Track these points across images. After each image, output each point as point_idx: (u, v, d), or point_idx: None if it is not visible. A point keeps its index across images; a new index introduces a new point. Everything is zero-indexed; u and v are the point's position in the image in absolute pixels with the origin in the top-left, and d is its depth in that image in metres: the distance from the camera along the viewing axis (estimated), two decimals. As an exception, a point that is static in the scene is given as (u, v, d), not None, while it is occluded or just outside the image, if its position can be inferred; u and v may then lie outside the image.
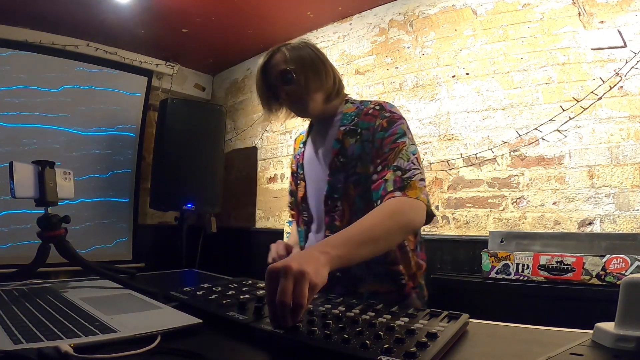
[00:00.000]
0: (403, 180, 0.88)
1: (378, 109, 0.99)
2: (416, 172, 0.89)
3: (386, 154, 0.92)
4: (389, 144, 0.93)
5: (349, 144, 0.98)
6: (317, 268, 0.61)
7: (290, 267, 0.57)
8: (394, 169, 0.89)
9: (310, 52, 1.05)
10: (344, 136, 1.00)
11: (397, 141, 0.93)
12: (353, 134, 0.99)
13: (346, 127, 1.01)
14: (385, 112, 0.98)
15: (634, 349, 0.47)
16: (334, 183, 0.99)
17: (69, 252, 0.91)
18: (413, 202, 0.86)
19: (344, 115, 1.04)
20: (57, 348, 0.45)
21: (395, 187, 0.87)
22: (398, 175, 0.88)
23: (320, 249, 0.67)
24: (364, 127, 0.98)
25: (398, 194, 0.86)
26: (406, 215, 0.84)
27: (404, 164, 0.89)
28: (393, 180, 0.88)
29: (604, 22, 1.77)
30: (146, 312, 0.68)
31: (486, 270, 1.70)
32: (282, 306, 0.55)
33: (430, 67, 2.30)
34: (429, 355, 0.46)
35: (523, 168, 1.94)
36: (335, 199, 0.99)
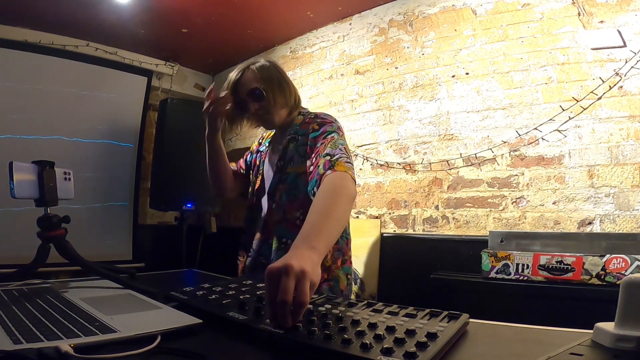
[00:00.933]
0: (331, 162, 1.00)
1: (312, 117, 1.17)
2: (342, 155, 1.01)
3: (317, 148, 1.06)
4: (320, 139, 1.08)
5: (290, 149, 1.15)
6: (313, 266, 0.63)
7: (292, 266, 0.58)
8: (324, 155, 1.02)
9: (277, 73, 1.21)
10: (288, 143, 1.17)
11: (327, 137, 1.07)
12: (293, 140, 1.16)
13: (290, 136, 1.17)
14: (317, 118, 1.15)
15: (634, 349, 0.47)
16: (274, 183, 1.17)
17: (69, 252, 0.91)
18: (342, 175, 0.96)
19: (294, 125, 1.20)
20: (57, 348, 0.45)
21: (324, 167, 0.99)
22: (327, 159, 1.00)
23: (306, 245, 0.71)
24: (300, 134, 1.15)
25: (329, 172, 0.97)
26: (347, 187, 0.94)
27: (332, 151, 1.02)
28: (323, 164, 1.00)
29: (604, 22, 1.77)
30: (146, 312, 0.68)
31: (486, 270, 1.70)
32: (283, 305, 0.55)
33: (430, 67, 2.30)
34: (429, 355, 0.46)
35: (523, 168, 1.94)
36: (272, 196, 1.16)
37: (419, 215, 2.26)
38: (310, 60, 2.95)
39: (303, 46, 3.00)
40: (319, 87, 2.86)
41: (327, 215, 0.83)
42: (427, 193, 2.24)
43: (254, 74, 1.17)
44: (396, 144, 2.39)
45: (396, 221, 2.35)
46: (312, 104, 2.88)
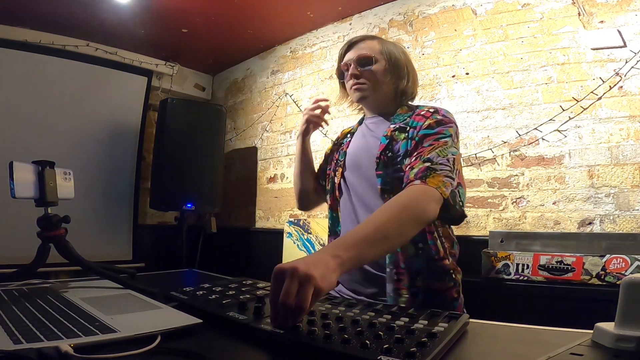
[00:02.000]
0: (427, 169, 0.85)
1: (432, 111, 0.99)
2: (445, 169, 0.86)
3: (423, 148, 0.91)
4: (430, 140, 0.92)
5: (397, 141, 0.98)
6: (325, 273, 0.60)
7: (297, 269, 0.57)
8: (424, 160, 0.88)
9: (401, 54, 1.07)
10: (393, 132, 1.00)
11: (440, 139, 0.92)
12: (402, 131, 0.99)
13: (397, 125, 1.01)
14: (438, 114, 0.98)
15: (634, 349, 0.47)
16: (384, 177, 0.98)
17: (69, 252, 0.91)
18: (428, 191, 0.83)
19: (397, 115, 1.05)
20: (57, 348, 0.45)
21: (416, 175, 0.86)
22: (425, 166, 0.86)
23: (332, 252, 0.66)
24: (412, 126, 0.98)
25: (417, 182, 0.84)
26: (419, 206, 0.81)
27: (436, 158, 0.88)
28: (418, 168, 0.87)
29: (604, 22, 1.77)
30: (146, 312, 0.68)
31: (486, 270, 1.70)
32: (284, 307, 0.55)
33: (430, 67, 2.30)
34: (429, 355, 0.46)
35: (523, 168, 1.94)
36: (388, 192, 0.96)
37: (419, 215, 2.26)
38: (310, 60, 2.95)
39: (303, 46, 3.00)
40: (319, 87, 2.86)
41: (373, 230, 0.73)
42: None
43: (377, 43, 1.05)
44: (396, 144, 2.39)
45: (396, 221, 2.35)
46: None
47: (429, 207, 0.82)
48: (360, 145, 1.09)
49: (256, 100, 3.35)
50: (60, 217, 0.91)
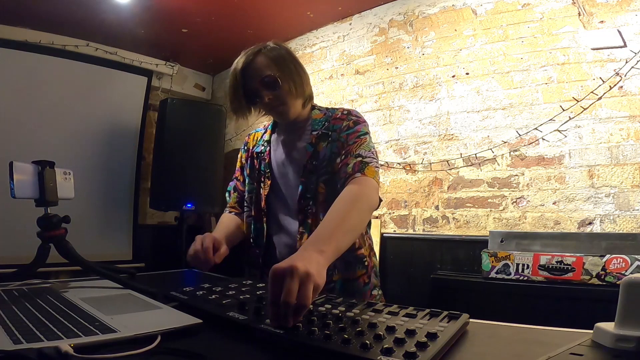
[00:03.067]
0: (362, 163, 0.97)
1: (346, 113, 1.09)
2: (373, 161, 0.99)
3: (350, 146, 1.01)
4: (353, 138, 1.03)
5: (321, 148, 1.05)
6: (319, 269, 0.62)
7: (297, 268, 0.57)
8: (356, 155, 0.99)
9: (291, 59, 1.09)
10: (317, 140, 1.06)
11: (360, 137, 1.03)
12: (325, 137, 1.06)
13: (318, 132, 1.07)
14: (352, 115, 1.08)
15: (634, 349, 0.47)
16: (307, 184, 1.05)
17: (69, 252, 0.91)
18: (369, 181, 0.94)
19: (314, 121, 1.10)
20: (57, 348, 0.45)
21: (353, 169, 0.96)
22: (358, 161, 0.97)
23: (315, 248, 0.69)
24: (333, 130, 1.06)
25: (358, 174, 0.95)
26: (370, 197, 0.92)
27: (364, 153, 0.99)
28: (354, 163, 0.97)
29: (604, 22, 1.77)
30: (146, 312, 0.68)
31: (486, 270, 1.70)
32: (286, 306, 0.55)
33: (430, 67, 2.30)
34: (429, 355, 0.46)
35: (523, 168, 1.94)
36: (307, 199, 1.04)
37: (419, 215, 2.26)
38: (310, 60, 2.94)
39: (303, 46, 3.00)
40: (319, 87, 2.86)
41: (342, 221, 0.81)
42: (427, 193, 2.24)
43: (267, 59, 1.05)
44: (396, 144, 2.39)
45: (396, 221, 2.35)
46: (312, 104, 2.88)
47: (374, 195, 0.94)
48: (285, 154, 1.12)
49: (256, 100, 3.34)
50: (60, 217, 0.91)
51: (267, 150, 1.15)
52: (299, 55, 3.02)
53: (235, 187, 1.26)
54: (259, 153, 1.17)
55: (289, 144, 1.12)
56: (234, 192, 1.26)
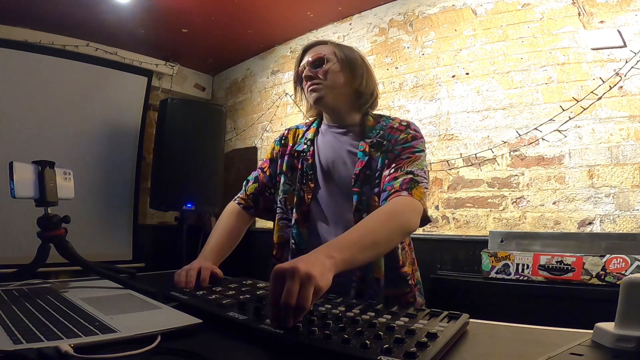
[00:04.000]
0: (411, 181, 0.91)
1: (405, 125, 1.04)
2: (424, 181, 0.94)
3: (402, 161, 0.96)
4: (407, 153, 0.97)
5: (375, 157, 1.00)
6: (323, 272, 0.61)
7: (298, 269, 0.57)
8: (407, 172, 0.93)
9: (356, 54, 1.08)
10: (371, 149, 1.00)
11: (415, 153, 0.98)
12: (379, 146, 1.00)
13: (372, 140, 1.01)
14: (410, 129, 1.03)
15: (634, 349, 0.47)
16: (361, 195, 0.98)
17: (69, 252, 0.91)
18: (414, 203, 0.88)
19: (368, 127, 1.04)
20: (57, 348, 0.45)
21: (401, 186, 0.90)
22: (409, 177, 0.92)
23: (326, 252, 0.67)
24: (389, 139, 1.01)
25: (404, 193, 0.89)
26: (406, 217, 0.86)
27: (416, 171, 0.94)
28: (403, 179, 0.91)
29: (604, 22, 1.77)
30: (146, 312, 0.68)
31: (486, 270, 1.70)
32: (286, 307, 0.55)
33: (430, 67, 2.30)
34: (429, 355, 0.46)
35: (523, 168, 1.94)
36: (361, 211, 0.98)
37: (419, 215, 2.26)
38: (310, 60, 2.94)
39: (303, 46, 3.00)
40: (319, 87, 2.86)
41: (366, 235, 0.77)
42: (427, 193, 2.24)
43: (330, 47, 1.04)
44: (396, 144, 2.39)
45: (396, 221, 2.35)
46: (312, 104, 2.89)
47: (413, 219, 0.88)
48: (333, 158, 1.05)
49: (256, 100, 3.35)
50: (60, 217, 0.91)
51: (310, 150, 1.08)
52: (299, 55, 3.03)
53: (257, 178, 1.18)
54: (300, 152, 1.09)
55: (338, 148, 1.05)
56: (253, 182, 1.18)
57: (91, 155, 2.90)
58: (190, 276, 0.88)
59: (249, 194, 1.18)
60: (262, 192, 1.17)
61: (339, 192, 1.02)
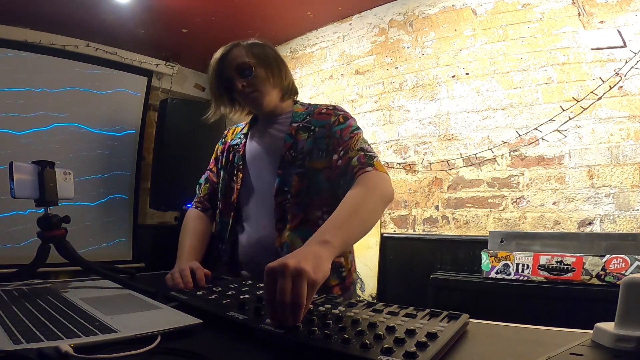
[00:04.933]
0: (367, 157, 0.94)
1: (331, 108, 1.06)
2: (376, 155, 0.97)
3: (347, 142, 0.98)
4: (348, 134, 1.00)
5: (301, 139, 1.02)
6: (317, 264, 0.61)
7: (287, 266, 0.57)
8: (358, 150, 0.96)
9: (270, 51, 1.08)
10: (297, 131, 1.03)
11: (355, 132, 1.01)
12: (305, 130, 1.03)
13: (299, 124, 1.04)
14: (338, 110, 1.05)
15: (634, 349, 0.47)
16: (285, 176, 1.01)
17: (69, 252, 0.91)
18: (382, 175, 0.92)
19: (295, 114, 1.08)
20: (57, 348, 0.45)
21: (360, 162, 0.93)
22: (362, 155, 0.95)
23: (319, 239, 0.68)
24: (317, 125, 1.03)
25: (369, 169, 0.91)
26: (384, 189, 0.89)
27: (365, 146, 0.97)
28: (357, 157, 0.94)
29: (604, 22, 1.77)
30: (146, 312, 0.68)
31: (486, 270, 1.70)
32: (282, 305, 0.55)
33: (430, 67, 2.30)
34: (429, 355, 0.46)
35: (523, 168, 1.94)
36: (285, 192, 1.01)
37: (419, 215, 2.26)
38: (310, 60, 2.95)
39: (303, 46, 3.00)
40: (319, 87, 2.86)
41: (352, 212, 0.79)
42: (427, 193, 2.24)
43: (244, 50, 1.04)
44: (396, 144, 2.39)
45: (396, 221, 2.35)
46: (312, 104, 2.89)
47: (389, 187, 0.91)
48: (260, 146, 1.09)
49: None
50: (60, 217, 0.90)
51: (242, 142, 1.13)
52: (299, 56, 3.03)
53: (207, 179, 1.22)
54: (234, 145, 1.14)
55: (266, 135, 1.09)
56: (205, 183, 1.21)
57: (91, 155, 2.90)
58: (186, 277, 0.88)
59: (203, 195, 1.21)
60: (215, 192, 1.19)
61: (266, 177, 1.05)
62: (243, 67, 1.02)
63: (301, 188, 1.00)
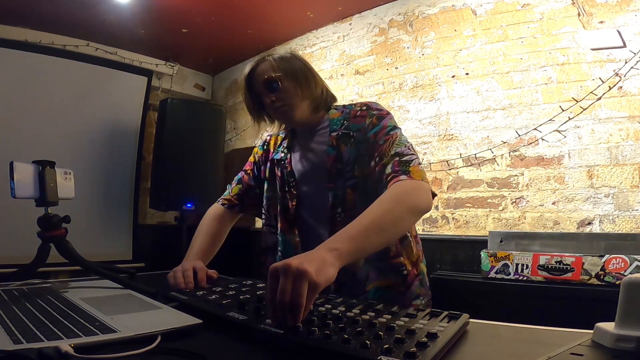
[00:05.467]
0: (401, 163, 0.89)
1: (365, 109, 1.02)
2: (414, 157, 0.91)
3: (381, 146, 0.93)
4: (382, 136, 0.95)
5: (344, 149, 0.99)
6: (320, 267, 0.60)
7: (290, 266, 0.57)
8: (393, 155, 0.91)
9: (298, 62, 1.07)
10: (338, 141, 1.00)
11: (390, 133, 0.95)
12: (346, 138, 1.00)
13: (338, 132, 1.01)
14: (372, 110, 1.01)
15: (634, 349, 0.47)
16: (335, 190, 0.98)
17: (69, 252, 0.91)
18: (417, 184, 0.86)
19: (332, 120, 1.04)
20: (57, 348, 0.45)
21: (393, 170, 0.88)
22: (397, 160, 0.89)
23: (329, 246, 0.67)
24: (355, 130, 1.00)
25: (403, 177, 0.86)
26: (412, 198, 0.83)
27: (400, 150, 0.91)
28: (392, 164, 0.89)
29: (604, 22, 1.77)
30: (146, 312, 0.68)
31: (486, 270, 1.70)
32: (282, 305, 0.55)
33: (430, 67, 2.30)
34: (429, 355, 0.46)
35: (522, 168, 1.94)
36: (337, 206, 0.98)
37: (418, 215, 2.26)
38: (310, 60, 2.91)
39: (303, 46, 3.00)
40: (318, 87, 2.86)
41: (371, 221, 0.75)
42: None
43: (270, 64, 1.03)
44: (396, 144, 2.39)
45: (396, 221, 2.35)
46: (312, 104, 2.89)
47: (421, 197, 0.84)
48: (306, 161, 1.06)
49: (256, 100, 3.34)
50: (60, 217, 0.91)
51: (287, 157, 1.09)
52: (299, 56, 3.03)
53: (240, 180, 1.20)
54: (279, 160, 1.11)
55: (308, 149, 1.06)
56: (237, 184, 1.20)
57: (91, 155, 2.90)
58: (188, 277, 0.88)
59: (233, 194, 1.20)
60: (247, 192, 1.19)
61: (317, 193, 1.03)
62: (270, 81, 1.01)
63: (355, 199, 0.97)
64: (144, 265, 2.93)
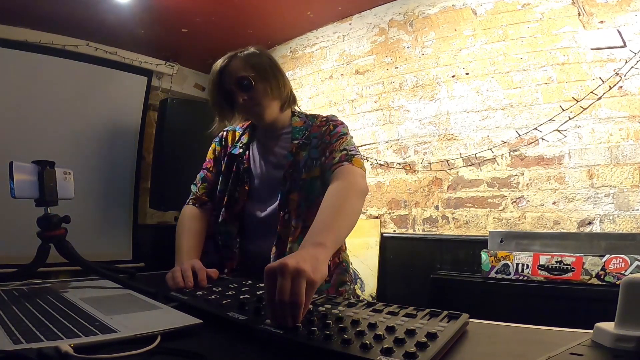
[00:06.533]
0: (347, 155, 1.00)
1: (324, 120, 1.12)
2: (358, 153, 1.03)
3: (333, 144, 1.04)
4: (335, 138, 1.06)
5: (301, 157, 1.07)
6: (315, 265, 0.62)
7: (287, 265, 0.57)
8: (341, 150, 1.02)
9: (268, 60, 1.11)
10: (297, 149, 1.07)
11: (342, 136, 1.06)
12: (304, 147, 1.08)
13: (299, 141, 1.08)
14: (330, 121, 1.11)
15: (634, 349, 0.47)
16: (285, 192, 1.06)
17: (69, 252, 0.91)
18: (357, 170, 0.97)
19: (295, 128, 1.11)
20: (57, 348, 0.45)
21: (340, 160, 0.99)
22: (344, 153, 1.01)
23: (312, 242, 0.71)
24: (313, 137, 1.09)
25: (345, 163, 0.98)
26: (357, 182, 0.94)
27: (348, 147, 1.03)
28: (340, 156, 1.00)
29: (604, 22, 1.77)
30: (146, 312, 0.68)
31: (486, 270, 1.70)
32: (282, 305, 0.55)
33: (430, 67, 2.30)
34: (429, 355, 0.46)
35: (523, 168, 1.94)
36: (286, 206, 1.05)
37: (418, 215, 2.26)
38: (310, 60, 2.95)
39: (303, 46, 3.00)
40: (319, 87, 2.86)
41: (337, 211, 0.83)
42: (427, 193, 2.24)
43: (242, 62, 1.06)
44: (396, 144, 2.39)
45: (396, 221, 2.35)
46: (312, 104, 2.88)
47: (363, 182, 0.96)
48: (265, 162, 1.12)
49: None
50: (60, 217, 0.90)
51: (246, 154, 1.15)
52: (299, 55, 3.03)
53: (204, 178, 1.23)
54: (236, 155, 1.15)
55: (270, 151, 1.12)
56: (202, 182, 1.22)
57: (91, 155, 2.90)
58: (188, 277, 0.88)
59: (201, 193, 1.21)
60: (213, 190, 1.21)
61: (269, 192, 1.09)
62: (242, 80, 1.03)
63: (300, 201, 1.05)
64: (143, 265, 2.92)
